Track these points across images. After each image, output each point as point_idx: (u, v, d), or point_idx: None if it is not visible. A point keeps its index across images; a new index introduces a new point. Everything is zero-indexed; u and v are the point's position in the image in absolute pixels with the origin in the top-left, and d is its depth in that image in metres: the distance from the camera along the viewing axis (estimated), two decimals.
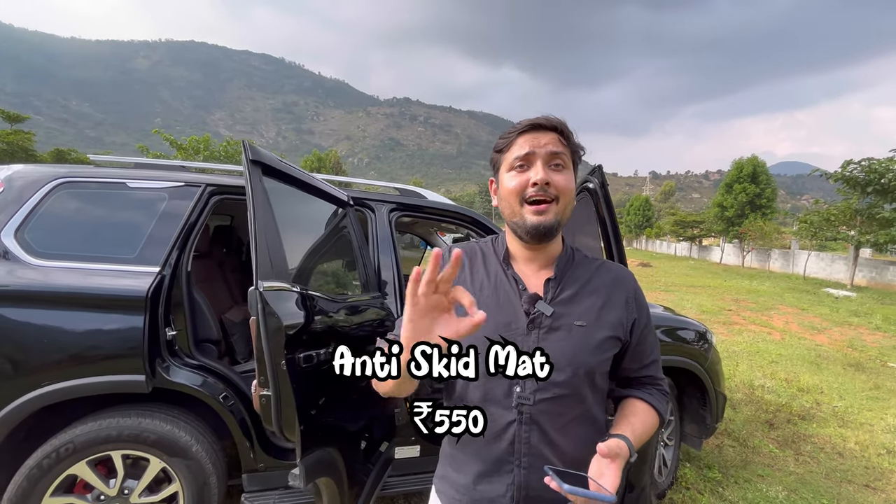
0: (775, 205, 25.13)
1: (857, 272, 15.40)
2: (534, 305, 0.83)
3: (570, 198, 0.85)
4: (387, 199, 2.31)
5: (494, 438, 0.83)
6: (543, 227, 0.81)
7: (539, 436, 0.82)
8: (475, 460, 0.86)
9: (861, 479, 2.85)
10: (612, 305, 0.87)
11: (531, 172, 0.81)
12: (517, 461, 0.82)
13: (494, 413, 0.82)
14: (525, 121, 0.85)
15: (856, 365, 5.43)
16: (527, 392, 0.81)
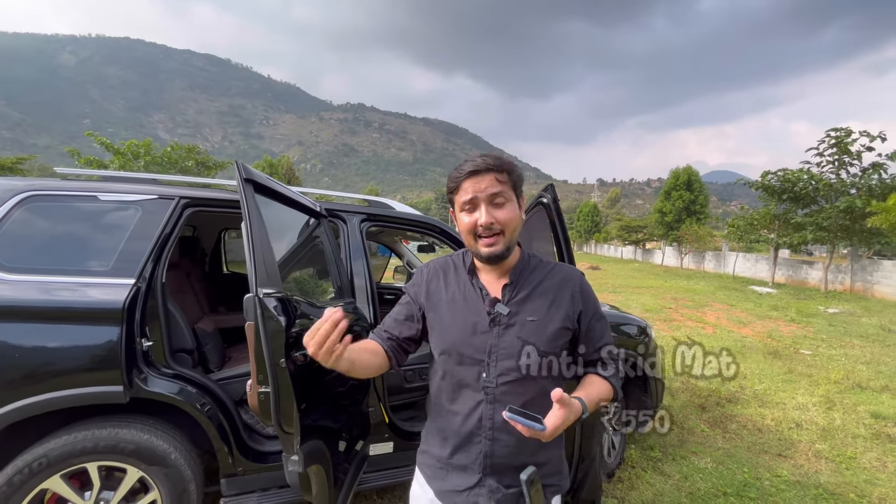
0: (708, 210, 27.37)
1: (777, 271, 17.16)
2: (493, 307, 1.03)
3: (515, 226, 1.03)
4: (358, 210, 2.44)
5: (466, 417, 1.03)
6: (494, 256, 1.01)
7: (499, 407, 0.99)
8: (452, 436, 1.05)
9: (775, 450, 3.29)
10: (561, 301, 1.06)
11: (477, 214, 1.00)
12: (484, 434, 1.02)
13: (466, 395, 1.03)
14: (467, 166, 1.00)
15: (774, 353, 6.14)
16: (491, 377, 1.01)
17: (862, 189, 13.97)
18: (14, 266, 1.73)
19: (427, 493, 1.10)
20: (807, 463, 3.10)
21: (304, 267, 2.10)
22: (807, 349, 6.42)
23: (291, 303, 1.44)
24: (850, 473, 2.97)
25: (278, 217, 1.72)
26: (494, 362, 1.01)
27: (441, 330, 1.05)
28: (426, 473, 1.11)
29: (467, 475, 1.03)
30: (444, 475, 1.07)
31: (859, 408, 4.12)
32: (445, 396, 1.07)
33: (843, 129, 14.65)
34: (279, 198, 1.71)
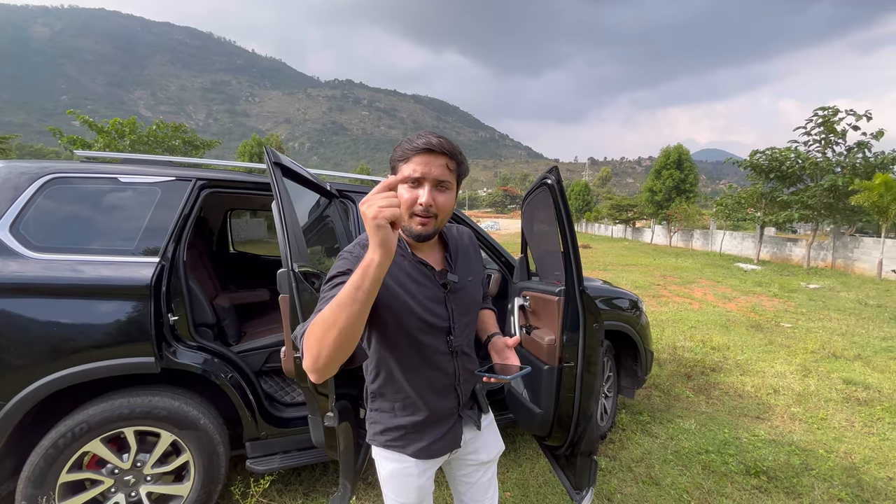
0: (697, 189, 27.69)
1: (762, 248, 17.59)
2: (445, 277, 1.14)
3: (448, 213, 1.08)
4: (366, 190, 2.54)
5: (442, 376, 1.16)
6: (424, 236, 1.05)
7: (464, 360, 1.19)
8: (425, 397, 1.15)
9: (754, 413, 3.55)
10: (474, 256, 1.27)
11: (420, 192, 1.01)
12: (457, 383, 1.18)
13: (440, 359, 1.14)
14: (421, 141, 1.01)
15: (756, 326, 6.44)
16: (457, 337, 1.15)
17: (846, 168, 14.29)
18: (41, 245, 1.81)
19: (407, 461, 1.17)
20: (782, 424, 3.36)
21: (318, 244, 2.21)
22: (787, 322, 6.73)
23: (319, 277, 1.56)
24: (821, 432, 3.23)
25: (298, 197, 1.82)
26: (457, 324, 1.14)
27: (399, 308, 1.06)
28: (397, 446, 1.17)
29: (447, 420, 1.19)
30: (420, 435, 1.17)
31: (833, 375, 4.41)
32: (412, 367, 1.12)
33: (831, 108, 14.85)
34: (299, 179, 1.81)
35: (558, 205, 1.70)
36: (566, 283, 1.76)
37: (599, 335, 1.78)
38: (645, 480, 2.54)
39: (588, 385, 1.78)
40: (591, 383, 1.79)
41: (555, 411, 1.84)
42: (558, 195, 1.69)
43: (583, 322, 1.77)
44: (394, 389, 1.15)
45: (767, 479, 2.55)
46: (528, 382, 2.09)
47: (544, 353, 1.87)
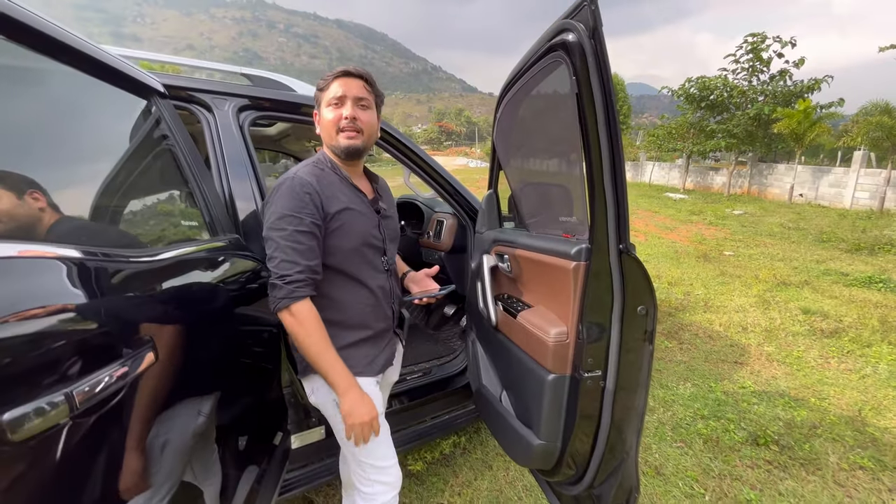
0: (630, 121, 28.09)
1: (688, 178, 18.34)
2: (377, 204, 1.26)
3: (373, 130, 1.18)
4: (232, 90, 1.51)
5: (381, 291, 1.24)
6: (353, 149, 1.14)
7: (393, 281, 1.32)
8: (372, 311, 1.22)
9: (730, 358, 3.24)
10: (391, 198, 1.40)
11: (343, 110, 1.11)
12: (391, 299, 1.29)
13: (378, 277, 1.23)
14: (339, 68, 1.13)
15: (703, 256, 6.35)
16: (389, 256, 1.29)
17: (769, 96, 14.74)
18: None
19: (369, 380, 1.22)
20: (762, 368, 3.06)
21: (131, 193, 1.20)
22: (729, 250, 6.74)
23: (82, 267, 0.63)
24: (803, 375, 2.97)
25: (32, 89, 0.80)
26: (388, 246, 1.28)
27: (351, 230, 1.14)
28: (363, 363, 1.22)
29: (386, 335, 1.29)
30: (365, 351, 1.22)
31: (790, 305, 4.28)
32: (360, 286, 1.19)
33: (759, 35, 14.97)
34: (47, 47, 0.77)
35: (588, 86, 0.86)
36: (594, 236, 0.98)
37: (648, 324, 1.05)
38: (646, 471, 2.04)
39: (625, 409, 1.08)
40: (630, 405, 1.08)
41: (564, 445, 1.14)
42: (590, 65, 0.84)
43: (621, 304, 1.02)
44: (338, 309, 1.17)
45: (779, 450, 2.16)
46: (515, 394, 1.36)
47: (547, 354, 1.12)
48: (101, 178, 0.98)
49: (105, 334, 0.66)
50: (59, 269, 0.63)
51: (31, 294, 0.56)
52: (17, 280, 0.55)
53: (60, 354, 0.55)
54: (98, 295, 0.68)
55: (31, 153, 0.81)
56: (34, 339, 0.52)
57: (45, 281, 0.59)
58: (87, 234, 0.88)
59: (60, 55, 0.85)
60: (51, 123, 0.90)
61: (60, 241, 0.75)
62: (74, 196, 0.91)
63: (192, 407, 0.98)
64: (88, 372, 0.57)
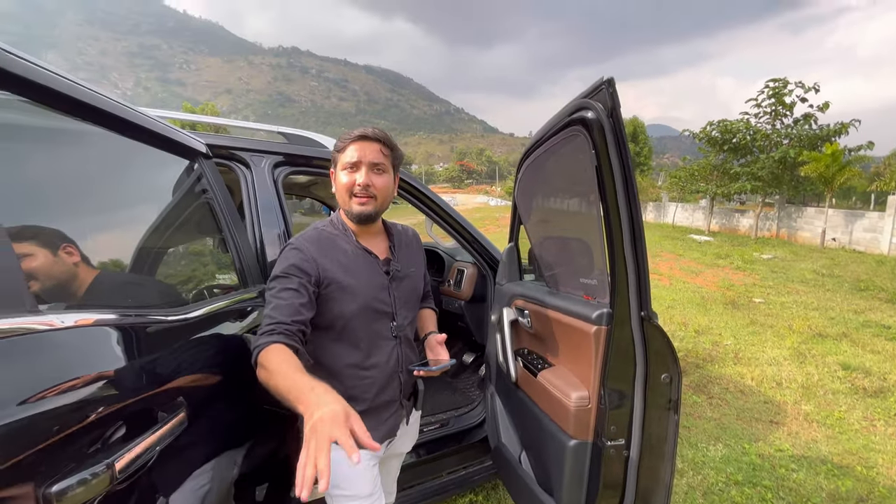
0: (651, 162, 28.17)
1: (713, 220, 18.02)
2: (389, 265, 1.20)
3: (387, 195, 1.15)
4: (270, 148, 1.61)
5: (387, 362, 1.16)
6: (365, 215, 1.12)
7: (406, 348, 1.22)
8: (370, 387, 1.14)
9: (765, 416, 3.05)
10: (416, 252, 1.33)
11: (357, 175, 1.10)
12: (399, 370, 1.19)
13: (383, 345, 1.16)
14: (357, 131, 1.12)
15: (732, 303, 6.14)
16: (399, 323, 1.19)
17: (794, 139, 14.61)
18: None
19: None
20: (801, 430, 2.88)
21: (171, 244, 1.28)
22: (759, 297, 6.50)
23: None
24: (846, 439, 2.77)
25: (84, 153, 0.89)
26: (399, 311, 1.19)
27: (351, 294, 1.10)
28: None
29: (389, 407, 1.20)
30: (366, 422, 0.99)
31: (828, 359, 4.06)
32: (361, 355, 1.13)
33: (781, 80, 15.05)
34: (84, 112, 0.87)
35: (608, 161, 0.89)
36: (615, 302, 0.98)
37: (672, 393, 1.02)
38: None
39: (651, 480, 1.04)
40: (655, 476, 1.04)
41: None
42: (609, 142, 0.88)
43: (643, 371, 1.00)
44: (339, 377, 1.12)
45: None
46: (536, 457, 1.33)
47: (569, 418, 1.10)
48: (144, 234, 1.06)
49: (144, 399, 0.69)
50: (103, 337, 0.68)
51: (80, 363, 0.60)
52: (70, 349, 0.59)
53: (101, 423, 0.58)
54: (137, 360, 0.72)
55: (86, 213, 0.89)
56: (78, 409, 0.56)
57: (91, 349, 0.63)
58: (126, 293, 0.93)
59: (121, 127, 0.95)
60: (106, 185, 0.98)
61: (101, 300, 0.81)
62: (117, 252, 0.98)
63: (229, 458, 1.00)
64: (129, 438, 0.60)
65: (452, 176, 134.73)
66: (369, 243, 1.19)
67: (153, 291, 1.05)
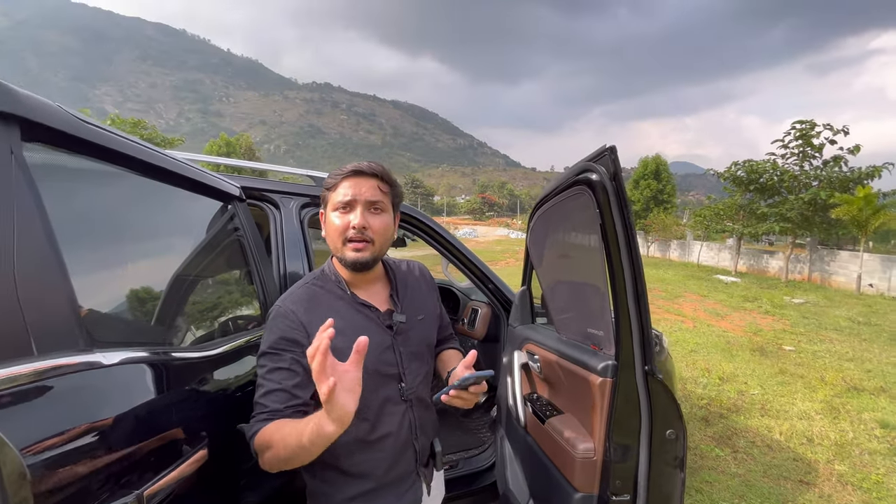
0: (675, 199, 27.84)
1: (740, 260, 17.52)
2: (391, 318, 1.04)
3: (386, 237, 1.01)
4: (296, 190, 1.73)
5: (398, 431, 1.01)
6: (361, 263, 0.97)
7: (420, 411, 1.07)
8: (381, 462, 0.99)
9: (794, 475, 2.88)
10: (427, 293, 1.17)
11: (352, 216, 0.95)
12: (414, 436, 1.05)
13: (391, 411, 1.01)
14: (349, 166, 0.98)
15: (760, 350, 5.89)
16: (409, 383, 1.04)
17: (823, 181, 14.29)
18: None
19: None
20: (834, 492, 2.70)
21: (216, 275, 1.38)
22: (789, 345, 6.23)
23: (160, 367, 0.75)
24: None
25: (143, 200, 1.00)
26: (407, 370, 1.04)
27: None
28: None
29: (405, 480, 1.04)
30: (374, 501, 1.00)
31: (864, 415, 3.82)
32: (367, 428, 0.98)
33: (808, 122, 14.89)
34: (131, 163, 0.98)
35: (611, 219, 0.94)
36: (620, 355, 1.00)
37: (678, 449, 1.02)
38: None
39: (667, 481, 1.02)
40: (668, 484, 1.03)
41: None
42: (612, 202, 0.93)
43: (648, 426, 1.01)
44: (342, 453, 0.96)
45: None
46: None
47: (574, 471, 1.10)
48: (180, 271, 1.15)
49: (174, 431, 0.75)
50: (142, 373, 0.75)
51: (123, 398, 0.67)
52: (114, 387, 0.66)
53: (132, 457, 0.64)
54: (165, 396, 0.79)
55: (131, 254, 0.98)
56: (111, 443, 0.62)
57: (132, 385, 0.71)
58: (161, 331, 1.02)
59: (169, 178, 1.06)
60: (152, 226, 1.09)
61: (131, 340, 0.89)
62: (157, 288, 1.07)
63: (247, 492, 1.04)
64: (157, 471, 0.66)
65: (474, 208, 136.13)
66: (367, 293, 1.05)
67: (181, 329, 1.13)
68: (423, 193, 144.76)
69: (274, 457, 0.81)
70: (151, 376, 0.76)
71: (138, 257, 1.02)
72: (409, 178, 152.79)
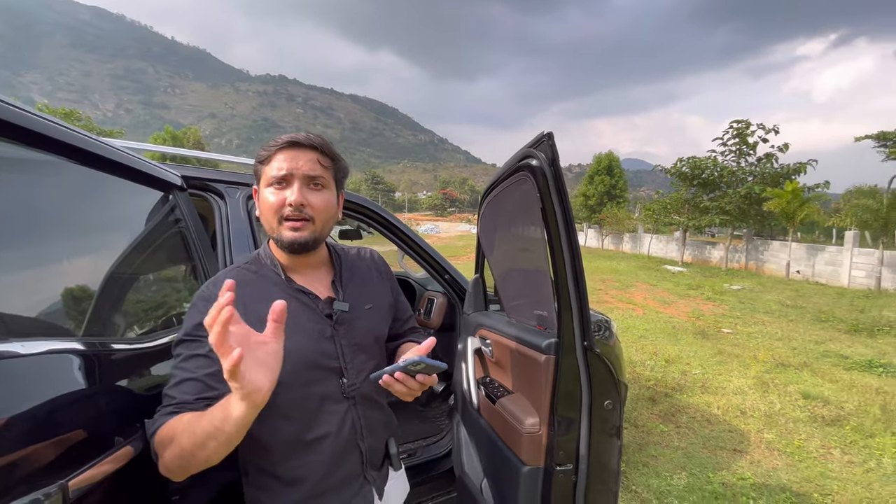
0: (627, 194, 29.15)
1: (686, 251, 18.65)
2: (331, 307, 0.94)
3: (328, 216, 0.92)
4: (244, 180, 1.67)
5: (338, 432, 0.92)
6: (299, 243, 0.87)
7: (366, 409, 0.97)
8: (320, 465, 0.90)
9: (729, 445, 3.13)
10: (378, 282, 1.08)
11: (288, 192, 0.86)
12: (358, 436, 0.95)
13: (333, 409, 0.92)
14: (284, 137, 0.88)
15: (701, 333, 6.32)
16: (352, 379, 0.94)
17: (757, 177, 15.46)
18: None
19: None
20: (763, 458, 2.96)
21: (157, 269, 1.32)
22: (727, 328, 6.72)
23: None
24: (805, 467, 2.86)
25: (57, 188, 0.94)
26: (351, 363, 0.95)
27: None
28: None
29: (349, 486, 0.95)
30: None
31: (789, 388, 4.20)
32: (300, 428, 0.88)
33: (744, 122, 16.04)
34: (56, 148, 0.92)
35: (550, 203, 0.99)
36: (562, 332, 1.06)
37: (615, 419, 1.09)
38: None
39: (597, 501, 1.09)
40: (601, 498, 1.09)
41: None
42: (551, 183, 0.98)
43: (588, 399, 1.07)
44: (276, 457, 0.88)
45: None
46: (495, 484, 1.36)
47: (522, 445, 1.15)
48: (115, 263, 1.09)
49: (102, 423, 0.72)
50: (67, 363, 0.71)
51: (44, 388, 0.63)
52: (34, 377, 0.63)
53: (59, 446, 0.61)
54: (94, 387, 0.75)
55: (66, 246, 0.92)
56: (34, 433, 0.59)
57: (55, 375, 0.67)
58: (97, 324, 0.96)
59: (100, 165, 1.00)
60: (79, 215, 1.03)
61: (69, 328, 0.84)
62: (87, 280, 1.01)
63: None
64: (83, 462, 0.63)
65: (435, 204, 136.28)
66: (307, 279, 0.95)
67: (121, 321, 1.07)
68: (384, 189, 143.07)
69: (175, 455, 0.69)
70: (80, 367, 0.72)
71: (66, 248, 0.96)
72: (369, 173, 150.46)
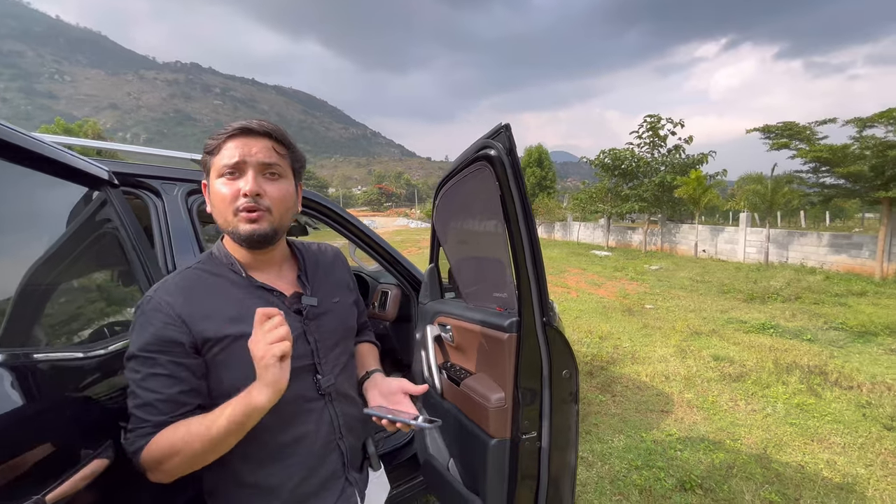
0: (556, 185, 30.76)
1: (610, 236, 20.15)
2: (299, 301, 0.90)
3: (286, 207, 0.86)
4: (180, 175, 1.56)
5: (316, 432, 0.88)
6: (258, 235, 0.81)
7: (343, 405, 0.94)
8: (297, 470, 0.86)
9: (657, 407, 3.50)
10: (341, 277, 1.05)
11: (241, 182, 0.80)
12: (337, 436, 0.92)
13: (306, 410, 0.87)
14: (235, 124, 0.82)
15: (628, 310, 6.92)
16: (327, 375, 0.90)
17: (668, 167, 17.08)
18: None
19: None
20: (685, 415, 3.35)
21: (87, 273, 1.20)
22: (649, 304, 7.41)
23: None
24: (718, 418, 3.28)
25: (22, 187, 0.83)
26: (325, 358, 0.91)
27: (247, 352, 0.72)
28: None
29: (330, 489, 0.91)
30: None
31: (703, 352, 4.76)
32: (275, 431, 0.83)
33: (655, 116, 17.58)
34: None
35: (509, 190, 1.06)
36: (522, 311, 1.13)
37: (572, 386, 1.20)
38: None
39: (559, 465, 1.19)
40: (563, 462, 1.20)
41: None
42: (509, 172, 1.05)
43: (548, 369, 1.16)
44: (254, 465, 0.83)
45: (703, 493, 2.35)
46: (462, 461, 1.43)
47: (489, 420, 1.22)
48: (38, 265, 0.99)
49: (60, 437, 0.67)
50: None
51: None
52: None
53: (25, 461, 0.56)
54: (45, 399, 0.70)
55: None
56: None
57: None
58: (35, 334, 0.88)
59: (14, 156, 0.90)
60: None
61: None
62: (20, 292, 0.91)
63: None
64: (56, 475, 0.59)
65: (371, 199, 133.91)
66: (268, 276, 0.90)
67: (61, 329, 0.98)
68: (316, 185, 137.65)
69: (184, 462, 0.71)
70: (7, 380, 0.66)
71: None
72: None
